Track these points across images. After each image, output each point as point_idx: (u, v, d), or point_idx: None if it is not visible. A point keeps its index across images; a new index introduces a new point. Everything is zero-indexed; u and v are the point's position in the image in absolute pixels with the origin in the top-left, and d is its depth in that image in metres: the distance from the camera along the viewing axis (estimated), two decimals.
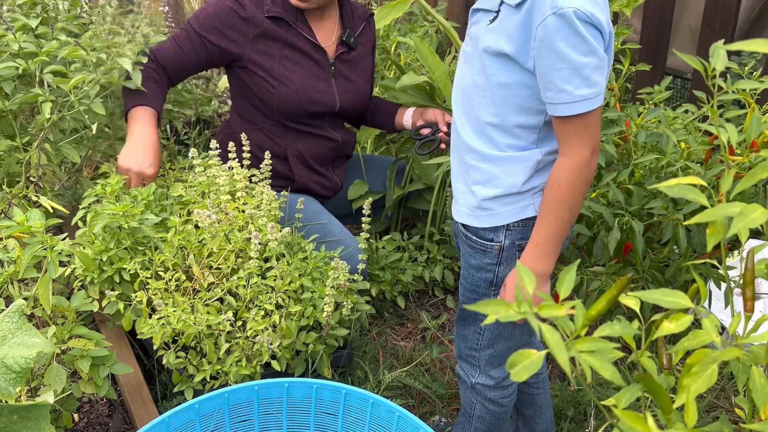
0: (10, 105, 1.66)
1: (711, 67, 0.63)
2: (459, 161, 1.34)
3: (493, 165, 1.26)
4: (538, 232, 1.24)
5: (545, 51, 1.11)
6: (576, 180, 1.19)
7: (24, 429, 0.97)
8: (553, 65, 1.11)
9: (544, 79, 1.14)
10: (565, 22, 1.09)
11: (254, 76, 1.88)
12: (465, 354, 1.45)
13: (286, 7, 1.87)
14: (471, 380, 1.46)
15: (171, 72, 1.87)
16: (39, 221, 1.34)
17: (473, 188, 1.30)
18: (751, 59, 2.22)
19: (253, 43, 1.85)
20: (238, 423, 1.33)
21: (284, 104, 1.88)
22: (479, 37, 1.23)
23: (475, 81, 1.25)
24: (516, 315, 0.56)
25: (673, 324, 0.58)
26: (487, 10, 1.23)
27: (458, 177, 1.36)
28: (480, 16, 1.26)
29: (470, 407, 1.50)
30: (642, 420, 0.52)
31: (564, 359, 0.50)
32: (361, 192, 2.15)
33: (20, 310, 1.07)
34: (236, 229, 1.61)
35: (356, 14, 2.03)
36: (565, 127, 1.17)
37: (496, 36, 1.18)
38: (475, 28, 1.27)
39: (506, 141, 1.25)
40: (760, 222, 0.48)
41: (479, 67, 1.24)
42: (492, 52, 1.19)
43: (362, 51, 2.03)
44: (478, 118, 1.26)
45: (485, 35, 1.21)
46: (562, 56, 1.10)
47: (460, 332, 1.45)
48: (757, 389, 0.56)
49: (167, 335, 1.46)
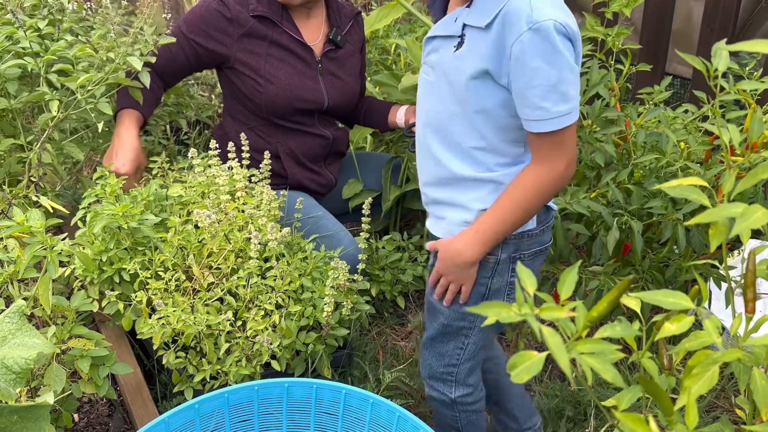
0: (15, 104, 1.66)
1: (713, 67, 0.63)
2: (442, 185, 1.30)
3: (485, 185, 1.25)
4: (485, 220, 1.23)
5: (520, 69, 1.09)
6: (545, 189, 1.19)
7: (24, 429, 0.97)
8: (529, 82, 1.09)
9: (520, 96, 1.12)
10: (541, 37, 1.06)
11: (242, 75, 1.89)
12: (439, 373, 1.41)
13: (271, 6, 1.88)
14: (450, 396, 1.42)
15: (164, 75, 1.90)
16: (39, 221, 1.34)
17: (468, 205, 1.27)
18: (750, 60, 2.22)
19: (239, 43, 1.87)
20: (238, 423, 1.33)
21: (272, 102, 1.90)
22: (444, 66, 1.20)
23: (448, 110, 1.22)
24: (516, 317, 0.56)
25: (674, 325, 0.58)
26: (448, 36, 1.19)
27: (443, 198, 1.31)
28: (439, 44, 1.22)
29: (455, 423, 1.47)
30: (643, 422, 0.52)
31: (565, 361, 0.50)
32: (355, 191, 2.15)
33: (20, 310, 1.07)
34: (236, 229, 1.61)
35: (343, 13, 2.04)
36: (541, 141, 1.16)
37: (466, 62, 1.15)
38: (435, 56, 1.23)
39: (495, 160, 1.23)
40: (762, 223, 0.48)
41: (450, 96, 1.20)
42: (468, 78, 1.15)
43: (350, 49, 2.04)
44: (459, 145, 1.24)
45: (453, 62, 1.18)
46: (538, 73, 1.07)
47: (436, 351, 1.40)
48: (758, 390, 0.56)
49: (167, 335, 1.46)
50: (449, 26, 1.19)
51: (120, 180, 1.60)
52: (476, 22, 1.13)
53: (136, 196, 1.60)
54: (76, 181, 2.10)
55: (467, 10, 1.16)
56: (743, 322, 0.61)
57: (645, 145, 1.79)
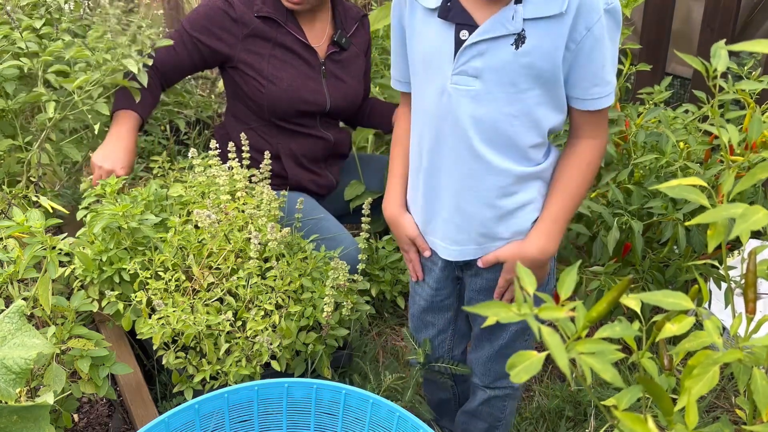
0: (12, 105, 1.66)
1: (712, 67, 0.63)
2: (507, 194, 1.24)
3: (535, 180, 1.25)
4: (556, 208, 1.24)
5: (598, 50, 1.12)
6: (599, 162, 1.26)
7: (24, 429, 0.97)
8: (604, 61, 1.13)
9: (591, 76, 1.15)
10: (612, 16, 1.11)
11: (245, 75, 1.89)
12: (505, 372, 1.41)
13: (276, 7, 1.88)
14: (515, 385, 1.48)
15: (165, 74, 1.89)
16: (39, 221, 1.34)
17: (520, 214, 1.26)
18: (750, 59, 2.22)
19: (243, 43, 1.86)
20: (238, 423, 1.33)
21: (274, 103, 1.89)
22: (500, 68, 1.14)
23: (504, 113, 1.18)
24: (516, 316, 0.56)
25: (675, 326, 0.58)
26: (497, 37, 1.13)
27: (510, 205, 1.25)
28: (484, 47, 1.15)
29: (502, 411, 1.54)
30: (642, 421, 0.52)
31: (564, 361, 0.50)
32: (357, 192, 2.15)
33: (20, 310, 1.07)
34: (236, 229, 1.61)
35: (349, 15, 2.03)
36: (600, 116, 1.22)
37: (534, 57, 1.12)
38: (479, 62, 1.16)
39: (542, 152, 1.25)
40: (762, 224, 0.48)
41: (507, 98, 1.17)
42: (538, 72, 1.14)
43: (354, 51, 2.03)
44: (516, 145, 1.21)
45: (516, 61, 1.13)
46: (610, 51, 1.13)
47: (506, 356, 1.35)
48: (758, 391, 0.56)
49: (167, 335, 1.46)
50: (502, 25, 1.12)
51: (118, 180, 1.60)
52: (544, 12, 1.10)
53: (136, 196, 1.60)
54: (75, 181, 2.10)
55: (520, 5, 1.11)
56: (743, 323, 0.61)
57: (645, 145, 1.79)
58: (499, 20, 1.13)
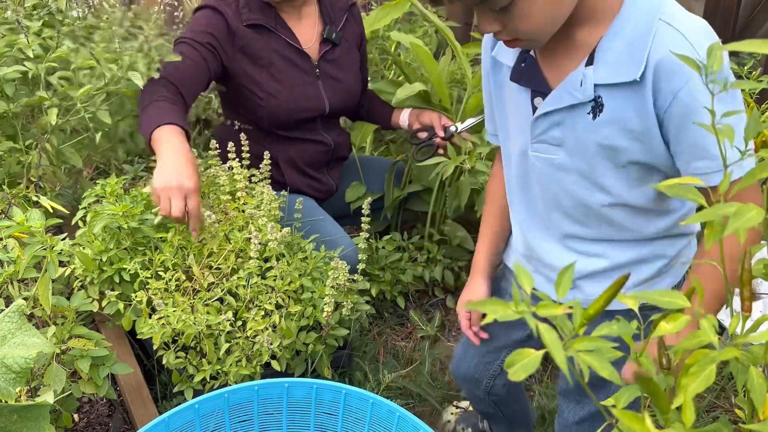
0: (14, 108, 1.66)
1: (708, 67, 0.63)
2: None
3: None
4: None
5: (691, 118, 0.94)
6: None
7: (24, 429, 0.97)
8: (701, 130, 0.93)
9: (694, 148, 0.97)
10: (699, 79, 0.96)
11: (242, 88, 1.87)
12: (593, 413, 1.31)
13: (263, 12, 1.84)
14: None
15: (184, 88, 1.69)
16: (39, 221, 1.34)
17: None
18: (750, 59, 2.22)
19: (239, 56, 1.84)
20: (238, 423, 1.33)
21: (274, 114, 1.88)
22: (580, 139, 1.04)
23: (586, 187, 1.09)
24: (514, 314, 0.56)
25: (670, 324, 0.59)
26: (574, 105, 1.02)
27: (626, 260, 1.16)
28: (562, 117, 1.04)
29: None
30: (640, 420, 0.52)
31: (561, 357, 0.50)
32: (358, 194, 2.15)
33: (20, 310, 1.07)
34: (236, 229, 1.61)
35: (336, 6, 1.98)
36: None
37: (613, 128, 1.00)
38: (558, 131, 1.05)
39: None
40: (755, 222, 0.48)
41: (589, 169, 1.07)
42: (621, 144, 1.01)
43: (347, 45, 2.00)
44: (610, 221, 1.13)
45: (595, 131, 1.01)
46: (704, 117, 0.91)
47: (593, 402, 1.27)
48: (755, 389, 0.57)
49: (167, 335, 1.47)
50: (572, 93, 1.01)
51: (118, 180, 1.59)
52: (618, 77, 0.96)
53: (136, 196, 1.60)
54: (75, 181, 2.11)
55: (591, 68, 0.98)
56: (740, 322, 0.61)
57: None
58: (565, 88, 1.02)
